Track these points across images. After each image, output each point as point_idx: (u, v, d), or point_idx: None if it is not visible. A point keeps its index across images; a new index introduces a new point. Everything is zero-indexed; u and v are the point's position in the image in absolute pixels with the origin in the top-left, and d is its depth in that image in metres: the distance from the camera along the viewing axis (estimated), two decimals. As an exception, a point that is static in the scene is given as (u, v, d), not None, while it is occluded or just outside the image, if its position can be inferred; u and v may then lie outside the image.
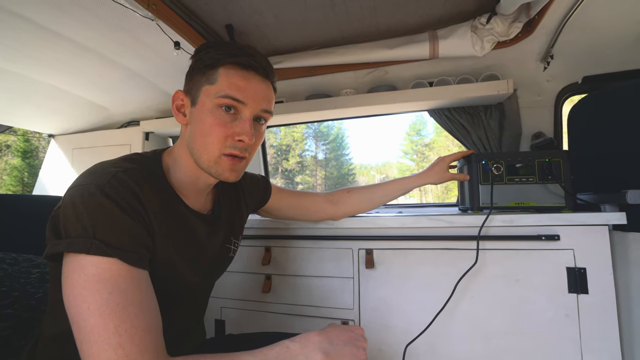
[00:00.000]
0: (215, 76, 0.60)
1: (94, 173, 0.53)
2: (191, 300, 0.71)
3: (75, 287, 0.46)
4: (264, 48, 1.46)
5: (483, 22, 1.21)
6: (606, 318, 0.88)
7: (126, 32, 1.17)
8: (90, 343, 0.43)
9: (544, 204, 1.01)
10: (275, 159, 29.49)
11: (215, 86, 0.60)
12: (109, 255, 0.47)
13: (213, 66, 0.60)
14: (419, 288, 1.01)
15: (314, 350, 0.53)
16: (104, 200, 0.49)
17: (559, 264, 0.92)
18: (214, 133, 0.60)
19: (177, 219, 0.62)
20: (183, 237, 0.63)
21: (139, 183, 0.54)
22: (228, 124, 0.60)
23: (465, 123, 1.45)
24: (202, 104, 0.60)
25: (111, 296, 0.45)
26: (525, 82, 1.39)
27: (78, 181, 0.52)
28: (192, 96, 0.62)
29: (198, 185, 0.67)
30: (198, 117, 0.61)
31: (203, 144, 0.60)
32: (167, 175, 0.63)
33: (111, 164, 0.55)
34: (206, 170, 0.63)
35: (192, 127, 0.62)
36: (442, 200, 14.90)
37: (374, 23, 1.30)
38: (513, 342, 0.93)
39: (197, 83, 0.62)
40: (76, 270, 0.46)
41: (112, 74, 1.46)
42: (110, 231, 0.48)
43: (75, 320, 0.45)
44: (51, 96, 1.59)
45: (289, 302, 1.13)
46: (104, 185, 0.50)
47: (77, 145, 1.97)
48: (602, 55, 1.26)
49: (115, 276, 0.46)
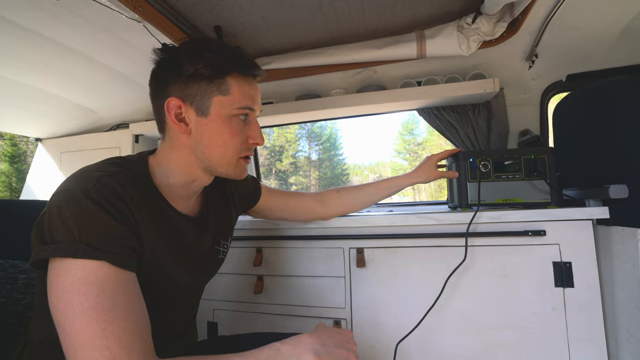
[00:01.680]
0: (227, 86, 0.61)
1: (78, 178, 0.53)
2: (181, 302, 0.70)
3: (61, 291, 0.45)
4: (252, 49, 1.46)
5: (469, 22, 1.22)
6: (591, 310, 0.90)
7: (112, 33, 1.16)
8: (77, 347, 0.43)
9: (530, 200, 1.03)
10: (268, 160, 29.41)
11: (229, 97, 0.61)
12: (95, 258, 0.47)
13: (221, 75, 0.60)
14: (410, 285, 1.02)
15: (305, 351, 0.53)
16: (89, 204, 0.49)
17: (545, 258, 0.94)
18: (233, 142, 0.63)
19: (164, 222, 0.62)
20: (170, 239, 0.63)
21: (124, 186, 0.54)
22: (243, 130, 0.64)
23: (453, 122, 1.47)
24: (217, 115, 0.61)
25: (97, 299, 0.45)
26: (512, 81, 1.41)
27: (63, 186, 0.52)
28: (198, 105, 0.61)
29: (189, 189, 0.68)
30: (212, 128, 0.61)
31: (224, 153, 0.63)
32: (153, 178, 0.63)
33: (95, 168, 0.55)
34: (224, 175, 0.66)
35: (203, 137, 0.62)
36: (436, 199, 15.02)
37: (362, 23, 1.31)
38: (502, 336, 0.94)
39: (202, 91, 0.60)
40: (61, 275, 0.46)
41: (100, 76, 1.45)
42: (96, 234, 0.48)
43: (61, 324, 0.45)
44: (37, 99, 1.56)
45: (281, 303, 1.14)
46: (88, 190, 0.50)
47: (65, 149, 1.94)
48: (585, 54, 1.29)
49: (102, 279, 0.46)
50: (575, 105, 1.14)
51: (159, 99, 0.63)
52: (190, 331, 0.78)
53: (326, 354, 0.54)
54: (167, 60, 0.62)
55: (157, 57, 0.64)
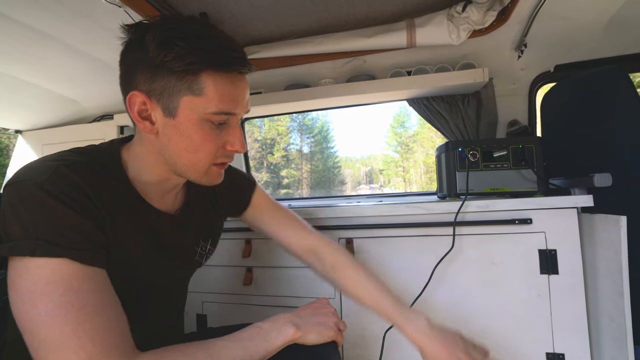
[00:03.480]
0: (200, 85, 0.51)
1: (32, 168, 0.48)
2: (162, 299, 0.67)
3: (23, 293, 0.42)
4: (240, 37, 1.42)
5: (459, 11, 1.21)
6: (575, 296, 0.92)
7: (92, 19, 1.11)
8: (47, 350, 0.40)
9: (517, 189, 1.04)
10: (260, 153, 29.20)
11: (202, 99, 0.51)
12: (57, 255, 0.43)
13: (194, 71, 0.50)
14: (398, 275, 1.03)
15: (284, 324, 0.57)
16: (45, 198, 0.44)
17: (531, 246, 0.95)
18: (204, 148, 0.54)
19: (137, 217, 0.57)
20: (145, 236, 0.59)
21: (84, 177, 0.49)
22: (218, 135, 0.55)
23: (443, 112, 1.47)
24: (186, 118, 0.52)
25: (64, 297, 0.42)
26: (501, 71, 1.41)
27: (15, 177, 0.47)
28: (165, 104, 0.52)
29: (163, 187, 0.62)
30: (181, 132, 0.53)
31: (192, 160, 0.55)
32: (126, 169, 0.58)
33: (53, 158, 0.50)
34: (194, 181, 0.59)
35: (170, 141, 0.54)
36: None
37: (351, 12, 1.29)
38: (489, 323, 0.96)
39: (170, 88, 0.51)
40: (22, 275, 0.42)
41: (81, 65, 1.39)
42: (55, 230, 0.44)
43: (26, 327, 0.41)
44: (15, 89, 1.50)
45: (271, 294, 1.13)
46: (43, 182, 0.45)
47: (47, 141, 1.88)
48: (573, 44, 1.29)
49: (67, 277, 0.43)
50: (562, 95, 1.15)
51: (125, 87, 0.55)
52: (176, 330, 0.75)
53: (305, 324, 0.59)
54: (135, 41, 0.52)
55: (125, 36, 0.54)
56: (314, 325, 0.59)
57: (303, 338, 0.58)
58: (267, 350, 0.54)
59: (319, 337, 0.59)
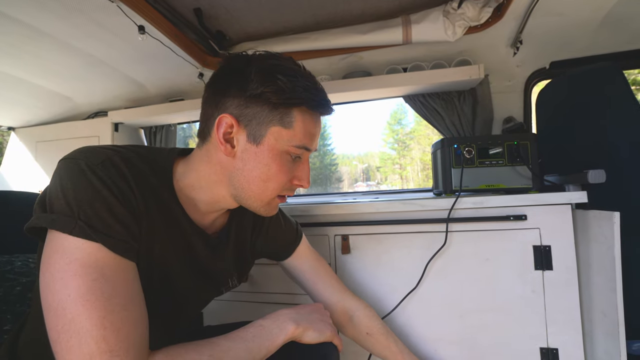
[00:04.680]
0: (291, 119, 0.54)
1: (88, 151, 0.49)
2: (179, 312, 0.65)
3: (56, 270, 0.41)
4: (235, 33, 1.41)
5: (455, 7, 1.21)
6: (569, 292, 0.92)
7: (85, 15, 1.10)
8: (70, 333, 0.39)
9: (512, 186, 1.05)
10: (257, 151, 29.08)
11: (289, 131, 0.55)
12: (93, 239, 0.43)
13: (289, 105, 0.54)
14: (394, 271, 1.03)
15: (285, 321, 0.59)
16: (94, 179, 0.45)
17: (526, 242, 0.95)
18: (277, 179, 0.57)
19: (173, 225, 0.56)
20: (175, 245, 0.57)
21: (134, 174, 0.50)
22: (291, 168, 0.58)
23: (439, 109, 1.47)
24: (270, 147, 0.55)
25: (96, 283, 0.41)
26: (497, 68, 1.42)
27: (70, 154, 0.49)
28: (252, 130, 0.54)
29: (211, 206, 0.61)
30: (260, 159, 0.55)
31: (262, 188, 0.57)
32: (175, 180, 0.58)
33: (112, 147, 0.52)
34: (252, 209, 0.61)
35: (246, 166, 0.55)
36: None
37: (347, 7, 1.28)
38: (484, 319, 0.97)
39: (262, 117, 0.54)
40: (58, 252, 0.42)
41: (74, 61, 1.38)
42: (96, 214, 0.44)
43: (52, 307, 0.40)
44: (7, 85, 1.48)
45: (267, 291, 1.13)
46: (95, 165, 0.46)
47: (40, 139, 1.86)
48: (568, 41, 1.30)
49: (101, 263, 0.43)
50: (557, 92, 1.15)
51: (211, 108, 0.56)
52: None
53: (304, 321, 0.61)
54: (236, 69, 0.56)
55: (225, 63, 0.58)
56: (313, 323, 0.61)
57: (302, 335, 0.59)
58: (269, 349, 0.55)
59: (318, 335, 0.61)
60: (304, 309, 0.65)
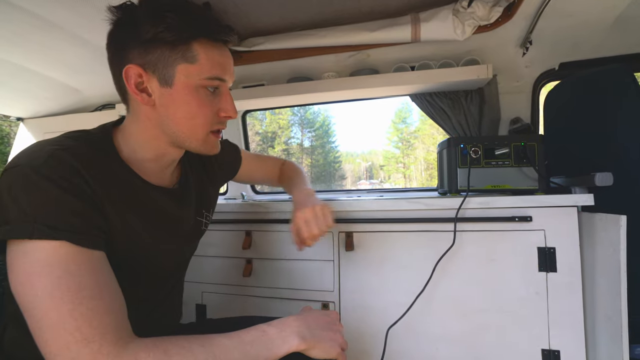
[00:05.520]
0: (193, 53, 0.55)
1: (28, 153, 0.49)
2: (164, 279, 0.69)
3: (21, 275, 0.43)
4: (243, 28, 1.41)
5: (464, 6, 1.20)
6: (572, 294, 0.92)
7: (95, 7, 1.10)
8: (44, 329, 0.41)
9: (518, 187, 1.04)
10: (260, 147, 29.15)
11: (196, 66, 0.55)
12: (55, 238, 0.44)
13: (186, 40, 0.54)
14: (398, 269, 1.03)
15: (291, 334, 0.53)
16: (42, 181, 0.45)
17: (530, 244, 0.95)
18: (202, 114, 0.58)
19: (135, 196, 0.58)
20: (146, 213, 0.60)
21: (81, 160, 0.50)
22: (212, 101, 0.59)
23: (446, 108, 1.46)
24: (182, 85, 0.56)
25: (61, 280, 0.42)
26: (505, 68, 1.40)
27: (12, 163, 0.48)
28: (161, 74, 0.55)
29: (162, 162, 0.64)
30: (178, 99, 0.56)
31: (191, 126, 0.58)
32: (120, 151, 0.59)
33: (49, 142, 0.51)
34: (194, 150, 0.62)
35: (168, 110, 0.57)
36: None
37: (355, 5, 1.27)
38: (487, 319, 0.97)
39: (165, 58, 0.54)
40: (20, 258, 0.43)
41: (84, 53, 1.38)
42: (52, 213, 0.45)
43: (26, 308, 0.43)
44: (17, 76, 1.50)
45: (270, 286, 1.14)
46: (39, 166, 0.46)
47: (48, 130, 1.88)
48: (578, 42, 1.28)
49: (64, 259, 0.44)
50: (566, 93, 1.14)
51: (117, 65, 0.57)
52: (174, 313, 0.76)
53: (312, 337, 0.55)
54: (125, 20, 0.56)
55: (113, 17, 0.56)
56: (321, 341, 0.56)
57: (307, 351, 0.55)
58: (267, 358, 0.51)
59: (323, 354, 0.57)
60: (316, 321, 0.58)
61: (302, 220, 0.74)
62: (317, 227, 0.74)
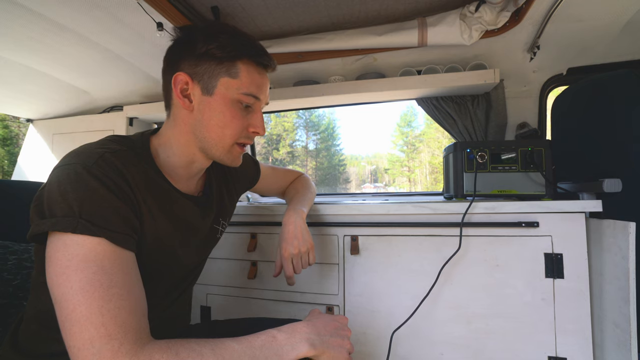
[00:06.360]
0: (236, 70, 0.61)
1: (80, 154, 0.53)
2: (182, 282, 0.72)
3: (59, 267, 0.45)
4: (251, 31, 1.42)
5: (472, 10, 1.20)
6: (579, 302, 0.91)
7: (105, 11, 1.12)
8: (73, 322, 0.43)
9: (525, 192, 1.04)
10: (265, 149, 29.24)
11: (236, 81, 0.61)
12: (96, 234, 0.46)
13: (232, 58, 0.61)
14: (403, 274, 1.03)
15: (300, 340, 0.53)
16: (91, 180, 0.49)
17: (537, 249, 0.94)
18: (233, 125, 0.63)
19: (167, 201, 0.62)
20: (174, 218, 0.64)
21: (125, 165, 0.54)
22: (244, 116, 0.64)
23: (452, 112, 1.46)
24: (222, 96, 0.61)
25: (95, 276, 0.45)
26: (512, 73, 1.40)
27: (64, 161, 0.52)
28: (205, 84, 0.61)
29: (190, 170, 0.68)
30: (215, 108, 0.61)
31: (221, 135, 0.63)
32: (155, 158, 0.63)
33: (98, 145, 0.55)
34: (216, 158, 0.66)
35: (204, 115, 0.62)
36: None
37: (363, 9, 1.28)
38: (493, 325, 0.96)
39: (211, 71, 0.61)
40: (60, 250, 0.46)
41: (93, 55, 1.41)
42: (96, 211, 0.48)
43: (58, 300, 0.44)
44: (27, 78, 1.52)
45: (274, 288, 1.14)
46: (90, 166, 0.50)
47: (57, 131, 1.90)
48: (586, 47, 1.28)
49: (100, 256, 0.46)
50: (574, 99, 1.14)
51: (168, 73, 0.64)
52: (183, 316, 0.79)
53: (321, 343, 0.55)
54: (183, 38, 0.64)
55: (174, 36, 0.65)
56: (329, 348, 0.56)
57: (316, 358, 0.55)
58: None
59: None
60: (325, 327, 0.59)
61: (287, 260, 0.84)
62: (301, 265, 0.85)
